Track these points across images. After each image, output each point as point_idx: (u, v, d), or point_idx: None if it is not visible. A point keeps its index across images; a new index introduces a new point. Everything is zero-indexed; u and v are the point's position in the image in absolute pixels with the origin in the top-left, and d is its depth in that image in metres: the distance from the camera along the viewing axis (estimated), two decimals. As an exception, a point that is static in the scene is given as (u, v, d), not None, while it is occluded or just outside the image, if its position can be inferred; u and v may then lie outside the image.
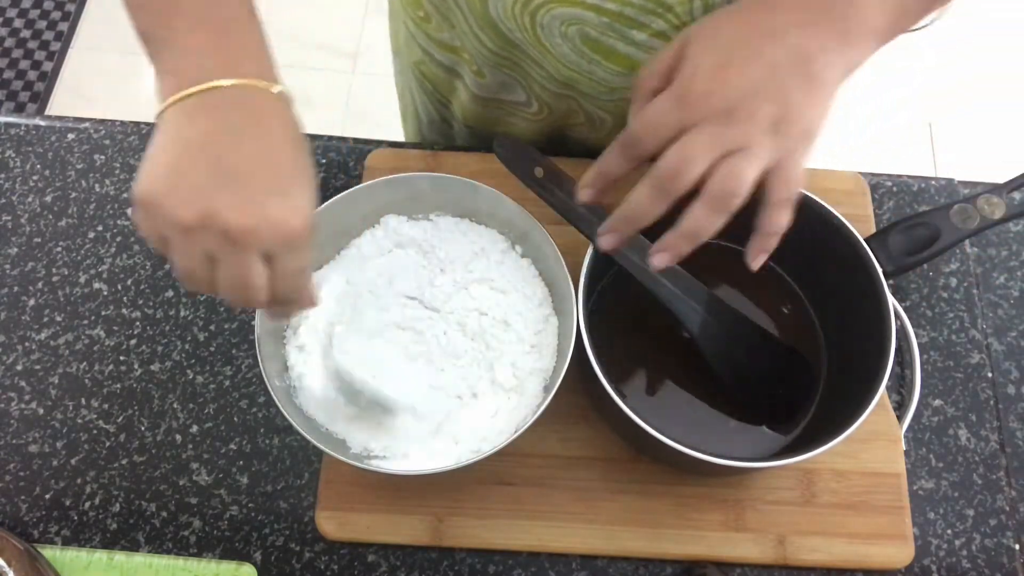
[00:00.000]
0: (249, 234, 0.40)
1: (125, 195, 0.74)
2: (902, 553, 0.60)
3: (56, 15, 1.90)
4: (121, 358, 0.67)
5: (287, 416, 0.53)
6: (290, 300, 0.46)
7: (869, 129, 1.83)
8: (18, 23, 1.89)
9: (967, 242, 0.72)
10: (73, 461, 0.64)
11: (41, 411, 0.66)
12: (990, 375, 0.67)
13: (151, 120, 0.77)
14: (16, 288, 0.70)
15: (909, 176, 0.75)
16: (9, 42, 1.87)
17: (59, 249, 0.71)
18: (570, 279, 0.57)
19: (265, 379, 0.54)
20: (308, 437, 0.52)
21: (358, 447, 0.57)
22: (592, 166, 0.49)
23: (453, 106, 0.77)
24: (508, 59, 0.65)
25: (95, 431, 0.65)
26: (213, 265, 0.41)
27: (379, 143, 0.75)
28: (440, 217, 0.64)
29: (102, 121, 0.77)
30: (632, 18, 0.55)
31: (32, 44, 1.86)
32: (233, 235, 0.39)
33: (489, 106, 0.73)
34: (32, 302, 0.69)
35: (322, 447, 0.53)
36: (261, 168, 0.40)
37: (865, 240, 0.58)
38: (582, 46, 0.59)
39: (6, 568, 0.57)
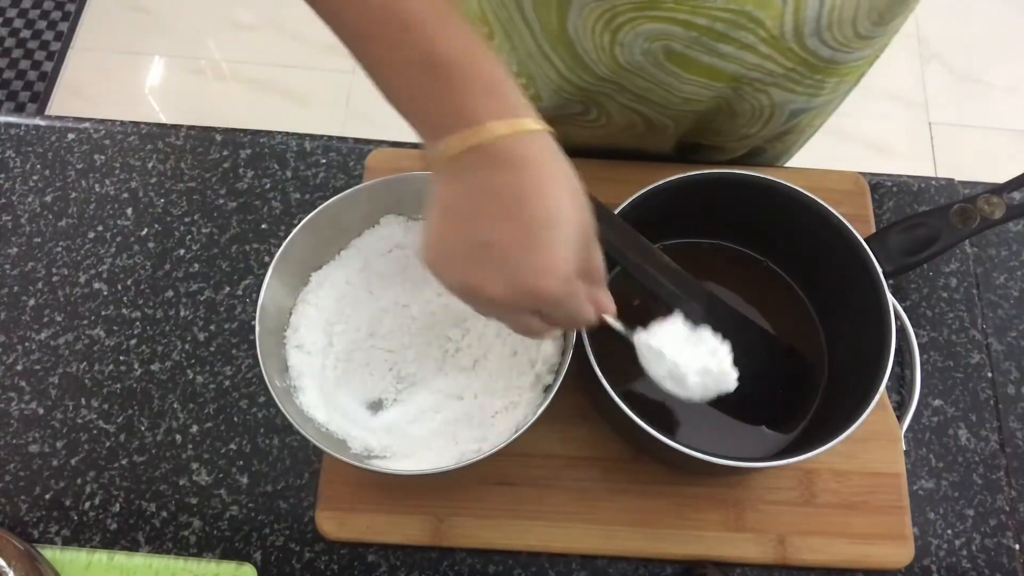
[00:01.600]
0: (509, 302, 0.42)
1: (125, 195, 0.74)
2: (902, 553, 0.60)
3: (56, 15, 1.90)
4: (121, 358, 0.67)
5: (287, 416, 0.53)
6: (579, 324, 0.47)
7: (869, 129, 1.82)
8: (18, 23, 1.89)
9: (967, 242, 0.72)
10: (73, 461, 0.64)
11: (41, 411, 0.66)
12: (990, 375, 0.67)
13: (151, 120, 0.78)
14: (16, 288, 0.70)
15: (909, 176, 0.75)
16: (9, 42, 1.87)
17: (59, 249, 0.71)
18: (570, 279, 0.57)
19: (265, 379, 0.54)
20: (308, 437, 0.52)
21: (358, 447, 0.57)
22: None
23: None
24: (574, 84, 0.63)
25: (95, 431, 0.65)
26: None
27: (379, 143, 0.75)
28: (440, 217, 0.64)
29: (102, 121, 0.77)
30: (721, 32, 0.55)
31: (32, 44, 1.86)
32: (498, 303, 0.42)
33: None
34: (32, 302, 0.69)
35: (322, 447, 0.53)
36: (510, 234, 0.41)
37: (865, 240, 0.58)
38: (664, 60, 0.58)
39: (6, 568, 0.57)
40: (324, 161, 0.75)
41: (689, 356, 0.51)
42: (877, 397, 0.53)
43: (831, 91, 0.64)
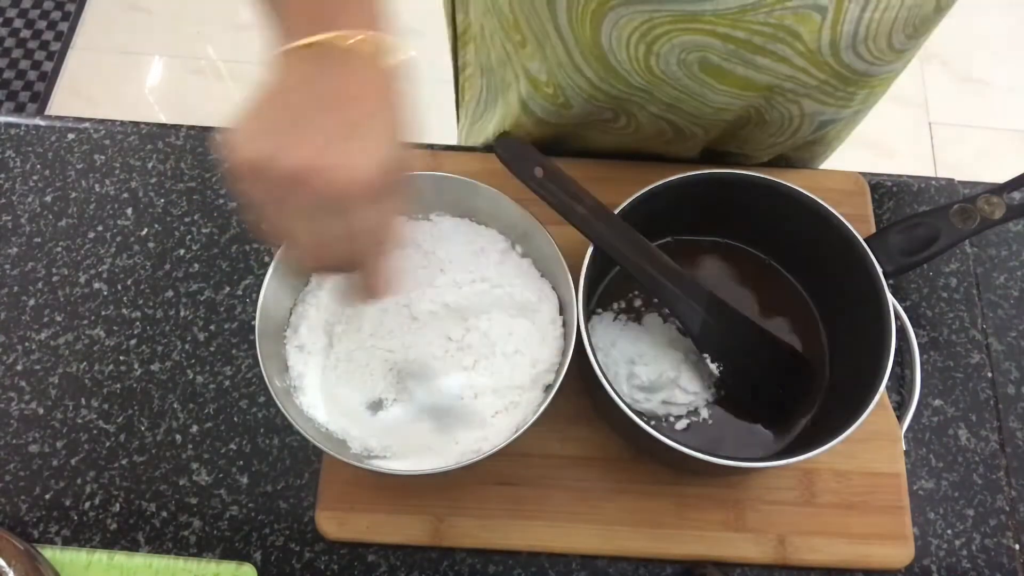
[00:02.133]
0: (302, 175, 0.37)
1: (125, 195, 0.74)
2: (902, 553, 0.60)
3: (56, 15, 1.90)
4: (121, 358, 0.67)
5: (288, 416, 0.53)
6: (354, 271, 0.43)
7: (869, 129, 1.82)
8: (18, 23, 1.89)
9: (967, 242, 0.72)
10: (73, 461, 0.64)
11: (41, 411, 0.66)
12: (990, 375, 0.67)
13: (151, 120, 0.78)
14: (16, 288, 0.70)
15: (909, 176, 0.75)
16: (9, 42, 1.87)
17: (59, 249, 0.71)
18: (570, 278, 0.57)
19: (266, 379, 0.54)
20: (309, 437, 0.52)
21: (358, 447, 0.57)
22: None
23: (512, 135, 0.75)
24: (605, 92, 0.63)
25: (95, 431, 0.65)
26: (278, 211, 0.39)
27: (379, 143, 0.75)
28: (440, 217, 0.64)
29: (102, 121, 0.77)
30: (759, 45, 0.55)
31: (32, 44, 1.86)
32: (288, 177, 0.37)
33: (564, 128, 0.71)
34: (32, 302, 0.69)
35: (322, 447, 0.53)
36: (333, 112, 0.38)
37: (865, 240, 0.58)
38: (699, 72, 0.58)
39: (6, 568, 0.57)
40: (324, 161, 0.75)
41: None
42: (877, 397, 0.53)
43: (861, 102, 0.65)
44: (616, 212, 0.57)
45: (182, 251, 0.71)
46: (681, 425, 0.62)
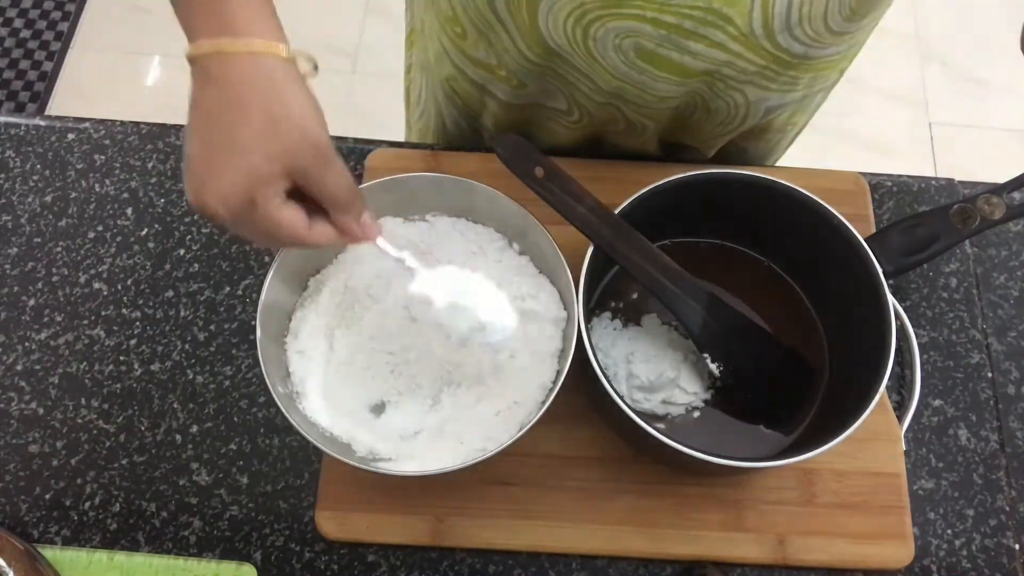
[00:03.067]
0: (194, 209, 0.45)
1: (125, 195, 0.74)
2: (902, 553, 0.60)
3: (56, 15, 1.90)
4: (121, 358, 0.67)
5: (293, 423, 0.53)
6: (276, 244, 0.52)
7: (869, 129, 1.82)
8: (18, 23, 1.89)
9: (967, 242, 0.72)
10: (73, 461, 0.64)
11: (41, 411, 0.66)
12: (990, 375, 0.67)
13: (151, 120, 0.77)
14: (16, 288, 0.70)
15: (909, 176, 0.75)
16: (9, 42, 1.87)
17: (59, 249, 0.71)
18: (571, 276, 0.57)
19: (269, 386, 0.54)
20: (314, 442, 0.52)
21: (363, 450, 0.57)
22: None
23: (484, 118, 0.76)
24: (553, 70, 0.64)
25: (95, 431, 0.65)
26: None
27: (379, 143, 0.75)
28: (436, 217, 0.64)
29: (102, 121, 0.77)
30: (691, 30, 0.55)
31: (32, 44, 1.86)
32: (195, 211, 0.46)
33: (526, 112, 0.72)
34: (32, 302, 0.69)
35: (328, 451, 0.53)
36: (198, 150, 0.44)
37: (865, 240, 0.58)
38: (635, 58, 0.59)
39: (6, 568, 0.57)
40: (324, 161, 0.75)
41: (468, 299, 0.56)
42: (877, 397, 0.53)
43: (806, 87, 0.64)
44: (616, 212, 0.57)
45: (182, 251, 0.71)
46: (677, 420, 0.62)
